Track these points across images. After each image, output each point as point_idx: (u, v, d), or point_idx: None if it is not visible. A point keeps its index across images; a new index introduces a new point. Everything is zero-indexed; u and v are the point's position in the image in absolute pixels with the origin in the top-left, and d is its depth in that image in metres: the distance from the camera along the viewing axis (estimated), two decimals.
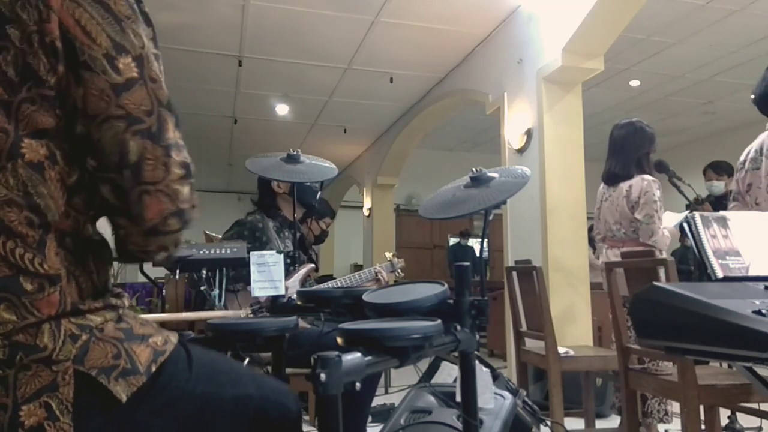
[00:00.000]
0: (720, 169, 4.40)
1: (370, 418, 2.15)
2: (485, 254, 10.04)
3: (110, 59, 0.82)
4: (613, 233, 3.12)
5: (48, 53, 0.80)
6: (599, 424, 3.39)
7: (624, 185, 3.06)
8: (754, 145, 2.46)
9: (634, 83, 7.00)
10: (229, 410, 0.95)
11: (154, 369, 0.85)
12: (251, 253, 1.81)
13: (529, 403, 1.82)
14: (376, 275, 2.80)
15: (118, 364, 0.82)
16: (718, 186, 4.34)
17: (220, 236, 2.64)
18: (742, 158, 2.51)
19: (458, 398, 1.19)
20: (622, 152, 3.11)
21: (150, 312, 5.57)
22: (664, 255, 2.93)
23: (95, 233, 0.88)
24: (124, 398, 0.81)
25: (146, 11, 0.89)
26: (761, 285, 1.03)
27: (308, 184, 2.63)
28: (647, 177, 3.02)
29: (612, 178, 3.15)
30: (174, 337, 0.92)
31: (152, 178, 0.83)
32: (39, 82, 0.81)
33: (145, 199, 0.83)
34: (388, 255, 2.97)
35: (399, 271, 2.93)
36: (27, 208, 0.80)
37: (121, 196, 0.84)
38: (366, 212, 9.39)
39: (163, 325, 1.01)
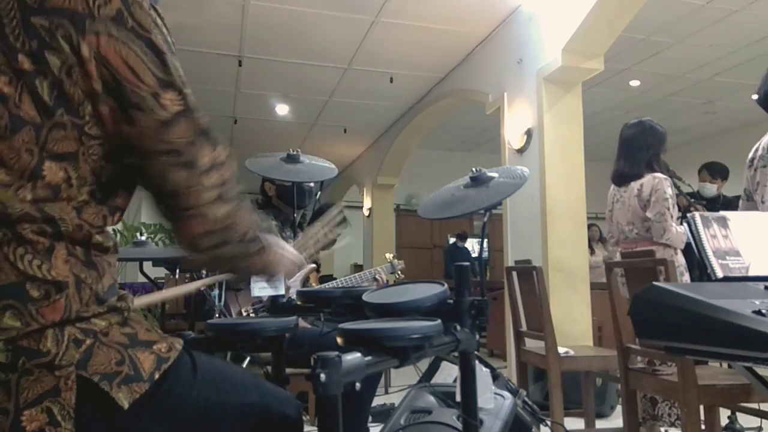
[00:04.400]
0: (714, 171, 4.38)
1: (370, 418, 2.15)
2: (485, 254, 10.03)
3: (157, 97, 0.85)
4: (626, 234, 3.06)
5: (86, 88, 0.82)
6: (599, 424, 3.39)
7: (635, 184, 3.00)
8: (762, 142, 2.43)
9: (634, 83, 7.00)
10: (232, 418, 0.95)
11: (157, 376, 0.85)
12: None
13: (529, 403, 1.81)
14: (374, 277, 2.80)
15: (122, 370, 0.82)
16: (710, 188, 4.33)
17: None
18: (750, 155, 2.46)
19: (458, 398, 1.19)
20: (633, 152, 3.04)
21: (150, 312, 5.56)
22: (679, 253, 2.92)
23: (107, 240, 0.89)
24: (126, 405, 0.81)
25: (163, 21, 0.92)
26: (761, 285, 1.03)
27: (305, 187, 2.63)
28: (658, 175, 2.95)
29: (622, 178, 3.09)
30: (178, 344, 0.92)
31: (185, 205, 0.90)
32: (71, 110, 0.82)
33: (181, 222, 0.91)
34: (389, 256, 2.97)
35: (399, 272, 2.92)
36: (41, 220, 0.82)
37: (166, 216, 0.93)
38: (366, 212, 9.39)
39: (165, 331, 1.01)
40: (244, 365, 2.09)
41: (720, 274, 1.10)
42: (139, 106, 0.84)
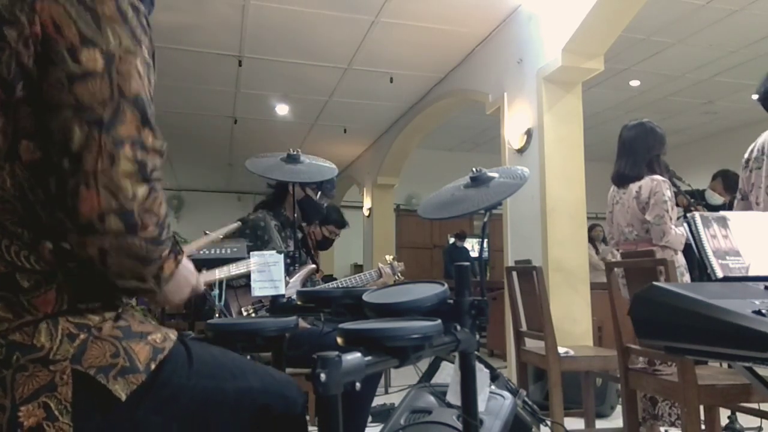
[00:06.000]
0: (728, 184, 4.30)
1: (370, 418, 2.15)
2: (485, 254, 10.03)
3: (72, 51, 0.79)
4: (626, 236, 3.06)
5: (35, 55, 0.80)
6: (599, 424, 3.38)
7: (634, 186, 3.00)
8: (757, 143, 2.45)
9: (634, 83, 7.00)
10: (232, 404, 0.95)
11: (153, 367, 0.85)
12: (251, 252, 1.81)
13: (529, 403, 1.81)
14: (380, 271, 2.80)
15: (117, 362, 0.82)
16: (718, 198, 4.32)
17: (220, 236, 2.64)
18: (746, 156, 2.49)
19: (449, 397, 1.18)
20: (633, 153, 3.04)
21: (150, 311, 5.55)
22: (679, 254, 2.92)
23: None
24: (123, 397, 0.81)
25: (147, 24, 0.88)
26: (761, 285, 1.03)
27: (323, 204, 2.73)
28: (657, 177, 2.95)
29: (622, 180, 3.09)
30: (173, 335, 0.92)
31: (92, 169, 0.77)
32: (32, 84, 0.80)
33: (81, 191, 0.77)
34: (389, 258, 2.97)
35: (399, 274, 2.93)
36: (22, 208, 0.80)
37: (60, 187, 0.78)
38: (366, 212, 9.39)
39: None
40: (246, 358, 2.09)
41: (720, 274, 1.10)
42: (52, 60, 0.79)
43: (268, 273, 1.68)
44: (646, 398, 2.78)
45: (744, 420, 3.02)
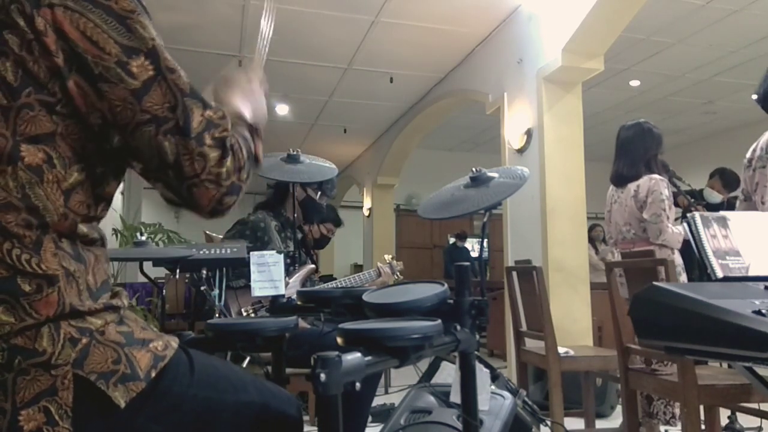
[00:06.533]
0: (727, 182, 4.35)
1: (370, 418, 2.15)
2: (485, 254, 10.03)
3: (123, 65, 0.81)
4: (623, 235, 3.09)
5: (50, 64, 0.80)
6: (599, 424, 3.39)
7: (632, 185, 3.03)
8: (760, 142, 2.43)
9: (634, 83, 7.00)
10: (230, 416, 0.94)
11: (154, 375, 0.85)
12: (251, 252, 1.81)
13: (529, 403, 1.81)
14: (379, 271, 2.80)
15: (118, 369, 0.82)
16: (716, 197, 4.33)
17: (220, 236, 2.64)
18: (748, 155, 2.47)
19: (452, 398, 1.19)
20: (630, 154, 3.07)
21: (150, 312, 5.56)
22: (676, 254, 2.93)
23: (92, 231, 0.88)
24: (122, 404, 0.81)
25: (145, 5, 0.88)
26: (761, 285, 1.03)
27: (323, 204, 2.75)
28: (655, 176, 2.98)
29: (620, 180, 3.12)
30: (175, 342, 0.91)
31: (193, 171, 0.85)
32: (39, 89, 0.80)
33: (194, 192, 0.86)
34: (387, 258, 2.97)
35: (398, 274, 2.93)
36: (25, 210, 0.80)
37: (175, 192, 0.88)
38: (366, 212, 9.39)
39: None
40: (244, 365, 2.09)
41: (720, 274, 1.10)
42: (106, 78, 0.81)
43: (268, 273, 1.68)
44: (642, 396, 2.79)
45: (744, 420, 3.02)
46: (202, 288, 2.24)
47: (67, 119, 0.82)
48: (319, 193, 2.74)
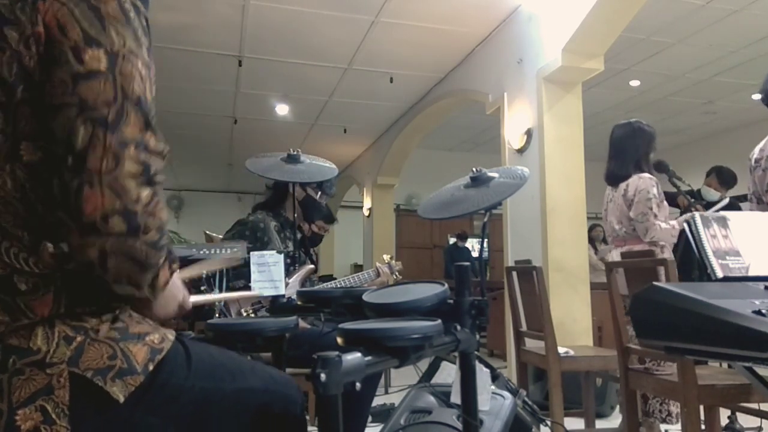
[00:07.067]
0: (723, 179, 4.37)
1: (370, 418, 2.15)
2: (485, 254, 10.03)
3: (76, 50, 0.78)
4: (617, 233, 3.15)
5: (39, 58, 0.80)
6: (599, 424, 3.38)
7: (623, 185, 3.09)
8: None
9: (634, 83, 7.00)
10: (231, 404, 0.94)
11: (151, 368, 0.85)
12: (251, 252, 1.81)
13: (529, 403, 1.81)
14: (378, 271, 2.80)
15: (114, 364, 0.82)
16: (714, 194, 4.34)
17: (220, 236, 2.64)
18: (756, 156, 2.38)
19: (453, 398, 1.19)
20: (622, 153, 3.13)
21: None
22: (666, 251, 2.93)
23: None
24: (121, 399, 0.81)
25: (147, 24, 0.87)
26: (761, 285, 1.03)
27: (323, 203, 2.75)
28: (644, 175, 3.03)
29: (613, 179, 3.18)
30: (171, 335, 0.92)
31: (97, 168, 0.75)
32: (33, 85, 0.80)
33: (85, 191, 0.75)
34: (386, 257, 2.97)
35: (397, 273, 2.93)
36: (23, 209, 0.80)
37: (62, 189, 0.77)
38: (366, 212, 9.39)
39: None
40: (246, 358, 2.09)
41: (720, 274, 1.10)
42: (56, 60, 0.78)
43: (268, 273, 1.68)
44: (638, 394, 2.79)
45: (744, 420, 3.02)
46: (202, 288, 2.24)
47: None
48: (319, 192, 2.74)
